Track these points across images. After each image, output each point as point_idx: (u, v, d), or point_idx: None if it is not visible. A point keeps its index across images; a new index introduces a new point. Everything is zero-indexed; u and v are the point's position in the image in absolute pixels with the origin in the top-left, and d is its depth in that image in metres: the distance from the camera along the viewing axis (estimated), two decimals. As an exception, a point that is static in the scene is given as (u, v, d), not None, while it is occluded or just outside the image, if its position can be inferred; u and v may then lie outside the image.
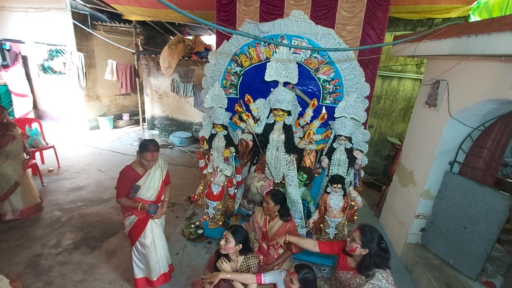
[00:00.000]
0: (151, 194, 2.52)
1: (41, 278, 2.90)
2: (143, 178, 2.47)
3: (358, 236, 1.90)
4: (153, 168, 2.51)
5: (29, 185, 3.87)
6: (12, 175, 3.55)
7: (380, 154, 6.18)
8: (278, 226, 2.62)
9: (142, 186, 2.45)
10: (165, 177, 2.67)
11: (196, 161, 4.79)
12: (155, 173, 2.53)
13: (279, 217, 2.63)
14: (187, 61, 6.78)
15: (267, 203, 2.54)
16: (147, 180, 2.48)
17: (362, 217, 4.16)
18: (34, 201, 3.90)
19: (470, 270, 2.87)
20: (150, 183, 2.50)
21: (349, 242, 1.95)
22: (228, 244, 2.04)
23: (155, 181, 2.53)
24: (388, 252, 1.90)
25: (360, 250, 1.89)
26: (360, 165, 3.05)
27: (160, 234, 2.71)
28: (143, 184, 2.46)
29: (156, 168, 2.54)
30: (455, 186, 2.99)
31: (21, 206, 3.73)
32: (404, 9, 4.64)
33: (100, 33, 7.36)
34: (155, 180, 2.52)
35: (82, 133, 7.70)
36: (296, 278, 1.89)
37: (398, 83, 5.63)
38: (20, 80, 7.20)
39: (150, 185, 2.50)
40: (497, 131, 2.76)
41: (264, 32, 2.97)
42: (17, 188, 3.65)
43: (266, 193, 2.62)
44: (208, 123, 3.49)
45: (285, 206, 2.64)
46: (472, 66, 2.67)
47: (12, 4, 7.14)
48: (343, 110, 2.85)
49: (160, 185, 2.57)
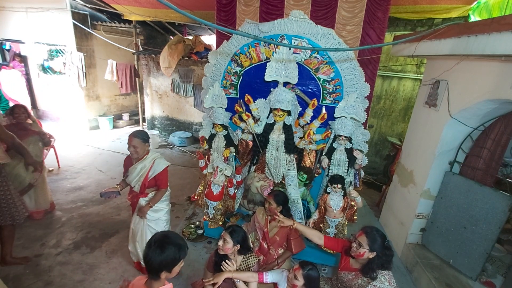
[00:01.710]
0: (134, 184, 2.73)
1: (41, 278, 2.90)
2: (132, 167, 2.68)
3: (365, 241, 1.87)
4: (141, 160, 2.67)
5: (43, 189, 3.82)
6: (25, 177, 3.50)
7: (380, 154, 6.19)
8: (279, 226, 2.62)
9: (130, 174, 2.69)
10: (158, 176, 2.70)
11: (196, 161, 4.79)
12: (142, 164, 2.66)
13: None
14: (187, 61, 6.78)
15: (270, 204, 2.54)
16: (133, 170, 2.67)
17: (362, 217, 4.16)
18: (45, 206, 3.88)
19: (470, 270, 2.87)
20: (134, 174, 2.67)
21: (356, 248, 1.91)
22: (226, 245, 2.04)
23: (140, 174, 2.67)
24: (391, 250, 1.91)
25: (368, 254, 1.88)
26: (360, 165, 3.05)
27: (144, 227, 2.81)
28: (130, 173, 2.69)
29: (143, 160, 2.67)
30: (455, 186, 2.99)
31: (31, 208, 3.68)
32: (404, 9, 4.64)
33: (100, 33, 7.36)
34: (140, 172, 2.66)
35: (82, 133, 7.70)
36: (300, 274, 1.89)
37: (398, 83, 5.63)
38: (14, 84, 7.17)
39: (133, 176, 2.68)
40: (497, 131, 2.76)
41: (264, 32, 2.97)
42: (30, 190, 3.61)
43: (268, 194, 2.62)
44: (208, 123, 3.49)
45: (286, 207, 2.64)
46: (472, 66, 2.67)
47: (12, 4, 7.14)
48: (343, 110, 2.85)
49: (142, 181, 2.67)
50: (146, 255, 1.48)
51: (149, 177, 2.67)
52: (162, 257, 1.45)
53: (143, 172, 2.66)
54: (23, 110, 3.54)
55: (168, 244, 1.48)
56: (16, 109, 3.49)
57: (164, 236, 1.52)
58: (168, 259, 1.47)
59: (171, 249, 1.47)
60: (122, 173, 2.83)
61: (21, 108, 3.54)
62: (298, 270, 1.91)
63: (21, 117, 3.49)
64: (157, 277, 1.49)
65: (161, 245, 1.47)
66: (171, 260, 1.48)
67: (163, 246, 1.47)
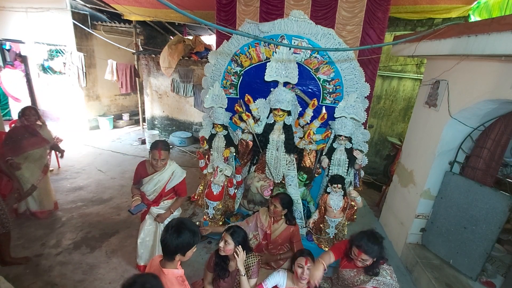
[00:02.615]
0: (150, 194, 2.62)
1: (41, 278, 2.90)
2: (147, 178, 2.56)
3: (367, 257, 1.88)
4: (160, 172, 2.55)
5: (46, 190, 3.81)
6: (29, 178, 3.50)
7: (380, 154, 6.18)
8: (282, 229, 2.61)
9: (145, 184, 2.58)
10: (177, 186, 2.67)
11: (196, 161, 4.79)
12: (160, 176, 2.56)
13: (285, 221, 2.62)
14: (187, 61, 6.78)
15: (275, 207, 2.51)
16: (150, 181, 2.56)
17: (362, 217, 4.16)
18: (49, 207, 3.87)
19: (470, 270, 2.87)
20: (150, 185, 2.56)
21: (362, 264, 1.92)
22: (227, 246, 2.03)
23: (157, 185, 2.58)
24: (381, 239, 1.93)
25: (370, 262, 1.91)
26: (360, 165, 3.05)
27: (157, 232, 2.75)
28: (146, 183, 2.57)
29: (162, 172, 2.56)
30: (455, 186, 2.99)
31: (35, 208, 3.71)
32: (404, 9, 4.64)
33: (100, 33, 7.36)
34: (157, 184, 2.57)
35: (82, 133, 7.70)
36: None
37: (398, 83, 5.63)
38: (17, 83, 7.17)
39: (150, 187, 2.57)
40: (497, 131, 2.76)
41: (264, 32, 2.97)
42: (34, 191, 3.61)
43: (274, 197, 2.60)
44: (208, 123, 3.49)
45: (291, 209, 2.62)
46: (472, 66, 2.67)
47: (12, 4, 7.13)
48: (343, 110, 2.85)
49: (159, 192, 2.61)
50: (163, 239, 1.60)
51: (166, 189, 2.63)
52: (178, 241, 1.57)
53: (161, 184, 2.60)
54: (33, 112, 3.52)
55: (184, 229, 1.60)
56: (26, 111, 3.47)
57: (181, 222, 1.64)
58: (184, 243, 1.59)
59: (187, 234, 1.60)
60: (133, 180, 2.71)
61: (31, 110, 3.51)
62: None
63: (31, 119, 3.48)
64: (172, 258, 1.62)
65: (178, 230, 1.59)
66: (186, 244, 1.60)
67: (180, 231, 1.59)
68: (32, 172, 3.54)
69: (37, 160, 3.58)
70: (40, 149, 3.60)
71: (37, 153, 3.57)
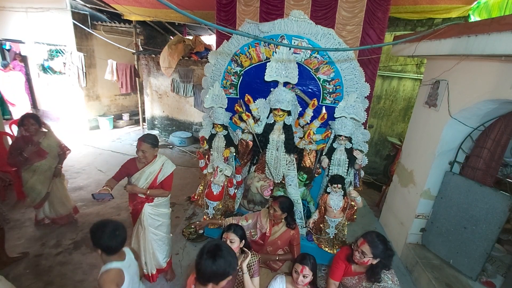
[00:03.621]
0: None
1: (41, 278, 2.90)
2: (138, 172, 2.57)
3: (368, 250, 1.86)
4: (150, 164, 2.58)
5: (57, 197, 3.64)
6: (41, 189, 3.44)
7: (380, 154, 6.19)
8: (282, 231, 2.60)
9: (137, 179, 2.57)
10: (164, 181, 2.63)
11: (196, 161, 4.78)
12: (151, 168, 2.59)
13: (285, 224, 2.60)
14: (187, 61, 6.78)
15: (274, 211, 2.49)
16: (142, 174, 2.57)
17: (362, 217, 4.16)
18: (64, 212, 3.73)
19: (470, 270, 2.87)
20: (142, 179, 2.57)
21: (360, 258, 1.90)
22: (233, 245, 2.02)
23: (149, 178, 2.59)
24: (392, 250, 1.90)
25: (372, 261, 1.88)
26: (360, 165, 3.05)
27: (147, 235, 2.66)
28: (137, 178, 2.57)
29: (152, 164, 2.59)
30: (455, 186, 2.99)
31: (53, 215, 3.66)
32: (404, 9, 4.65)
33: (100, 33, 7.36)
34: (149, 176, 2.59)
35: (82, 133, 7.70)
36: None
37: (398, 83, 5.63)
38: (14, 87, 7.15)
39: (142, 181, 2.56)
40: (497, 131, 2.76)
41: (264, 32, 2.97)
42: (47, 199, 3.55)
43: (273, 200, 2.58)
44: (208, 123, 3.49)
45: (291, 213, 2.59)
46: (472, 66, 2.67)
47: (12, 4, 7.14)
48: (343, 110, 2.85)
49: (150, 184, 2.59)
50: (198, 263, 1.48)
51: (157, 181, 2.60)
52: (213, 268, 1.44)
53: (152, 177, 2.58)
54: (32, 121, 3.22)
55: (220, 257, 1.47)
56: (25, 120, 3.20)
57: (218, 248, 1.50)
58: (218, 272, 1.46)
59: (222, 262, 1.46)
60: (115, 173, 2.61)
61: (30, 119, 3.22)
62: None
63: (31, 129, 3.22)
64: (204, 284, 1.50)
65: (213, 256, 1.46)
66: (221, 273, 1.47)
67: (215, 258, 1.46)
68: (43, 183, 3.44)
69: (46, 171, 3.45)
70: (48, 160, 3.43)
71: (45, 164, 3.41)
